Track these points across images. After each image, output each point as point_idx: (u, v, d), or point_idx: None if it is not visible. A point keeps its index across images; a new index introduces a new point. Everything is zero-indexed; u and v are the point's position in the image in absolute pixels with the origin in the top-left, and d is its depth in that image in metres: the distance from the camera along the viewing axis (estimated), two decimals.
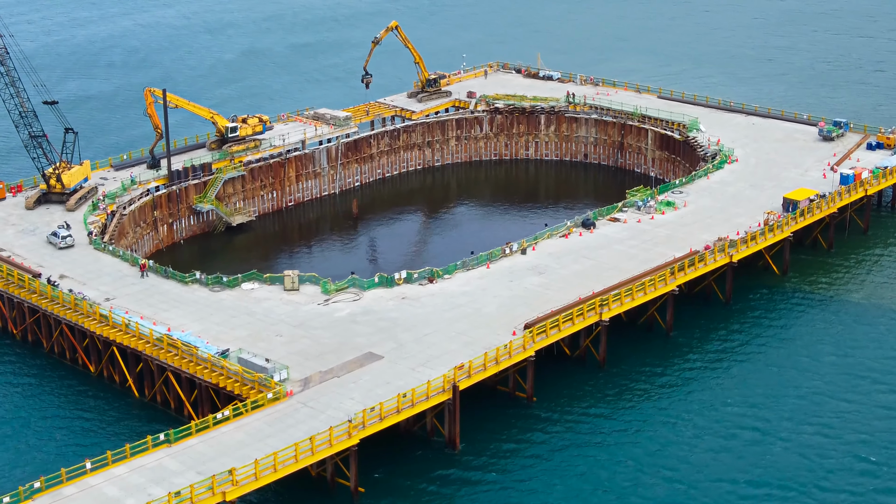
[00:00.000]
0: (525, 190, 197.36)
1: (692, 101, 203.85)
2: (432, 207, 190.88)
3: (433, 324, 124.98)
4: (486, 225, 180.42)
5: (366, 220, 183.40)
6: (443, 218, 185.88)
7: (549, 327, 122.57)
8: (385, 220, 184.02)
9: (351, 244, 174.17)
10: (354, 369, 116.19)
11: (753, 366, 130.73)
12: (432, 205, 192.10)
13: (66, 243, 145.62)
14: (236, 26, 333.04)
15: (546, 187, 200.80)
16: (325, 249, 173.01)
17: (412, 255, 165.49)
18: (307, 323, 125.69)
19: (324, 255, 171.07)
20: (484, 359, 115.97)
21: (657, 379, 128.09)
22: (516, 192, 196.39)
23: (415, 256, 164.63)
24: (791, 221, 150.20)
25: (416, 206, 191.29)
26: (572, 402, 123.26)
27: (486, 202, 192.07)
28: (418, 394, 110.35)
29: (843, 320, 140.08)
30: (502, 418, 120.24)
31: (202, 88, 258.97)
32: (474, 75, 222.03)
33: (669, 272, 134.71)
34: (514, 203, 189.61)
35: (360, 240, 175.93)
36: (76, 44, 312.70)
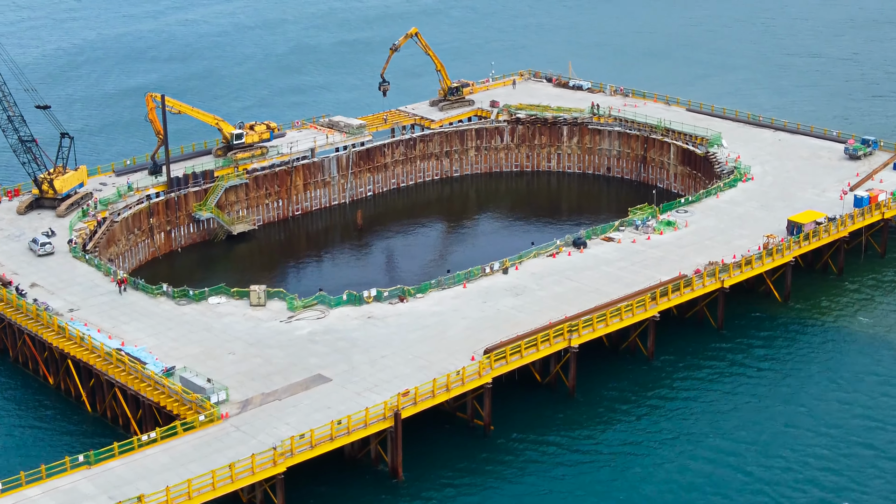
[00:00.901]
0: (546, 203, 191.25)
1: (721, 114, 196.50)
2: (448, 219, 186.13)
3: (393, 345, 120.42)
4: (501, 239, 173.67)
5: (375, 231, 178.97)
6: (458, 230, 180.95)
7: (508, 353, 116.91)
8: (394, 231, 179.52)
9: (352, 257, 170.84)
10: (298, 392, 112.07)
11: (736, 396, 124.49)
12: (448, 216, 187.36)
13: (45, 251, 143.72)
14: (263, 28, 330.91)
15: (568, 201, 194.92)
16: (325, 261, 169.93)
17: (414, 270, 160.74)
18: (264, 341, 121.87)
19: (322, 267, 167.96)
20: (432, 385, 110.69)
21: (629, 408, 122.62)
22: (537, 205, 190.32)
23: (416, 270, 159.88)
24: (794, 245, 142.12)
25: (430, 218, 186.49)
26: (532, 432, 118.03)
27: (506, 214, 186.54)
28: (355, 421, 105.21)
29: (842, 351, 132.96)
30: (454, 447, 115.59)
31: (224, 93, 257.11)
32: (503, 84, 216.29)
33: (650, 297, 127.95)
34: (534, 216, 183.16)
35: (362, 252, 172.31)
36: (101, 44, 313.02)
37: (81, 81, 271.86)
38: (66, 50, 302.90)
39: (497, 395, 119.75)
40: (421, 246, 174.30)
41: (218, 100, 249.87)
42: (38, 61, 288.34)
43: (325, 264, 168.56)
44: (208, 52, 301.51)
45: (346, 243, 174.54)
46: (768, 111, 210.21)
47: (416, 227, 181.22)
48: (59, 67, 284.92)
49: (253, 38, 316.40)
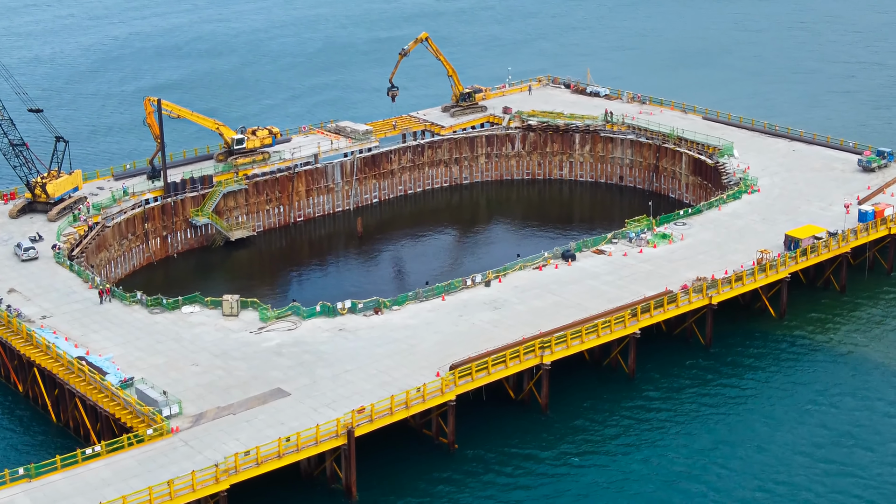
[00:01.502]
0: (558, 212, 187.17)
1: (737, 123, 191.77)
2: (456, 227, 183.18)
3: (359, 359, 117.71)
4: (510, 248, 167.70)
5: (378, 239, 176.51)
6: (466, 238, 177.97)
7: (474, 370, 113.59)
8: (397, 239, 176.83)
9: (351, 265, 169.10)
10: (254, 406, 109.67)
11: (714, 415, 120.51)
12: (457, 224, 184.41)
13: (29, 255, 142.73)
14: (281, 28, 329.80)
15: (581, 210, 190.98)
16: (322, 269, 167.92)
17: (413, 279, 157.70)
18: (230, 352, 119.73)
19: (318, 274, 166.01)
20: (390, 402, 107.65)
21: (603, 426, 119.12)
22: (549, 214, 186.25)
23: (415, 280, 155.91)
24: (790, 261, 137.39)
25: (438, 225, 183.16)
26: (498, 450, 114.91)
27: (518, 223, 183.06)
28: (304, 438, 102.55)
29: (831, 371, 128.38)
30: (415, 465, 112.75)
31: (248, 94, 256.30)
32: (519, 90, 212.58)
33: (630, 314, 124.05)
34: (546, 225, 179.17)
35: (361, 261, 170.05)
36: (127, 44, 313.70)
37: (87, 84, 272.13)
38: (92, 49, 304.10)
39: (467, 412, 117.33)
40: (424, 254, 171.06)
41: (242, 101, 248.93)
42: (60, 62, 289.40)
43: (322, 272, 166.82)
44: (238, 50, 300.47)
45: (346, 251, 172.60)
46: (792, 119, 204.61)
47: (422, 235, 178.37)
48: (77, 69, 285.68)
49: (284, 37, 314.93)
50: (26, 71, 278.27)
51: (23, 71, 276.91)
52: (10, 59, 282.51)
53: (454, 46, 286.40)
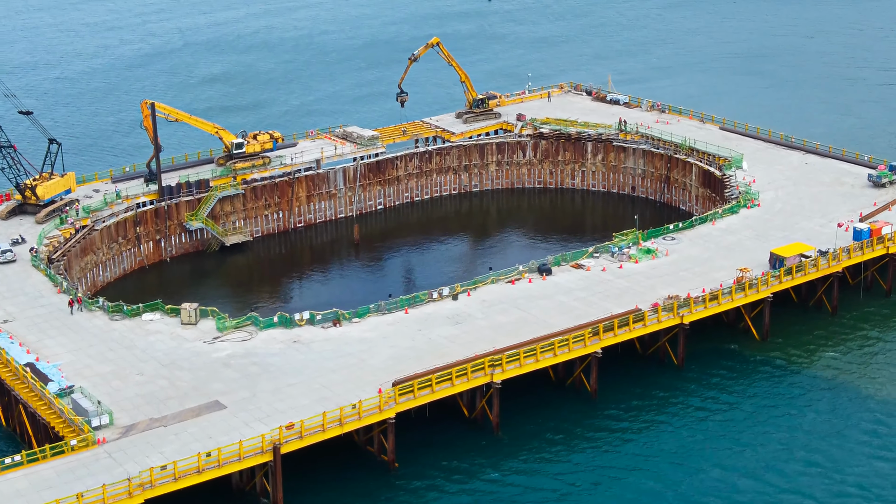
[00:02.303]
0: (569, 222, 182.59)
1: (754, 134, 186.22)
2: (464, 235, 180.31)
3: (305, 373, 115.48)
4: (518, 256, 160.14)
5: (381, 246, 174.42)
6: (474, 246, 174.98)
7: (416, 387, 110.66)
8: (400, 246, 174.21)
9: (347, 272, 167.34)
10: (187, 419, 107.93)
11: (674, 439, 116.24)
12: (465, 232, 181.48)
13: (6, 258, 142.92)
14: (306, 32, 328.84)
15: (592, 220, 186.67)
16: (317, 276, 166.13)
17: (408, 287, 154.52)
18: (178, 362, 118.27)
19: (311, 281, 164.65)
20: (322, 419, 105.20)
21: (554, 447, 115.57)
22: (560, 224, 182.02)
23: (410, 288, 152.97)
24: (772, 280, 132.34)
25: (444, 233, 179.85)
26: (438, 469, 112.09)
27: (530, 232, 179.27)
28: (227, 454, 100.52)
29: (808, 397, 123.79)
30: (353, 483, 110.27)
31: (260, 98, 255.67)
32: (539, 96, 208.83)
33: (591, 332, 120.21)
34: (557, 234, 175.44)
35: (358, 268, 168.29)
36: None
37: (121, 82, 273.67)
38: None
39: (416, 428, 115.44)
40: (425, 262, 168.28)
41: (273, 99, 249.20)
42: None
43: (317, 279, 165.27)
44: (282, 46, 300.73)
45: (344, 258, 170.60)
46: (822, 129, 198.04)
47: (428, 243, 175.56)
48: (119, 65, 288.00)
49: (333, 32, 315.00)
50: (68, 66, 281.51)
51: (64, 67, 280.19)
52: (53, 55, 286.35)
53: (505, 45, 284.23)
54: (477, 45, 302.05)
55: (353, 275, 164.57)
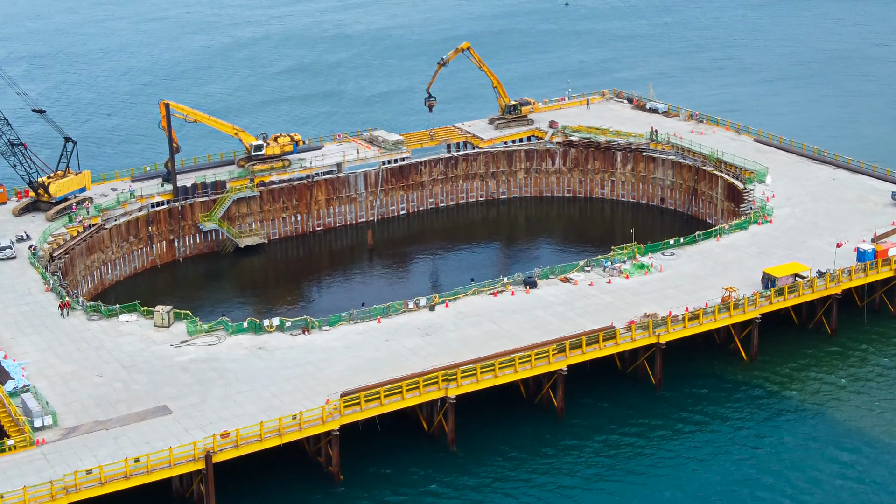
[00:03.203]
0: (599, 233, 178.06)
1: (787, 147, 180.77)
2: (489, 242, 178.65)
3: (260, 380, 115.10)
4: (541, 264, 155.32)
5: (401, 252, 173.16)
6: (497, 254, 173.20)
7: (363, 400, 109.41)
8: (421, 252, 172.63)
9: (361, 277, 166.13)
10: (131, 423, 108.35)
11: (640, 465, 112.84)
12: (491, 239, 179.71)
13: (5, 255, 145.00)
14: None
15: (622, 231, 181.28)
16: (329, 280, 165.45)
17: (408, 296, 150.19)
18: (139, 365, 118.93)
19: (322, 286, 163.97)
20: (259, 428, 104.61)
21: (508, 466, 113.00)
22: (588, 234, 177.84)
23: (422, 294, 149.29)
24: (761, 301, 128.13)
25: (469, 240, 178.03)
26: (386, 483, 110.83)
27: (558, 241, 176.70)
28: (157, 460, 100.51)
29: (788, 424, 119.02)
30: (295, 494, 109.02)
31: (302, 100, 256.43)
32: (579, 103, 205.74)
33: (556, 349, 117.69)
34: (585, 244, 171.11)
35: (366, 273, 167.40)
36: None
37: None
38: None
39: (371, 441, 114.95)
40: (433, 269, 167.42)
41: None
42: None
43: (329, 283, 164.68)
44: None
45: (355, 263, 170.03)
46: (868, 142, 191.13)
47: (444, 249, 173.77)
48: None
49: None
50: (142, 60, 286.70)
51: (138, 61, 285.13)
52: (130, 55, 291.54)
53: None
54: (545, 44, 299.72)
55: (362, 280, 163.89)
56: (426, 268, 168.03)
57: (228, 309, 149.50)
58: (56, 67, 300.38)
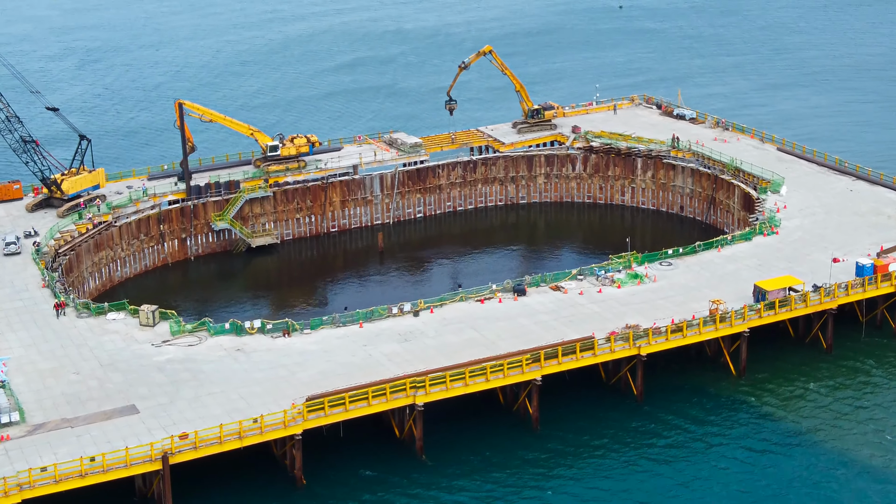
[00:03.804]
0: (618, 240, 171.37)
1: (809, 157, 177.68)
2: (507, 247, 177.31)
3: (232, 382, 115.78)
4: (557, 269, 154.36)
5: (410, 254, 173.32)
6: (514, 258, 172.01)
7: (327, 405, 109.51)
8: (426, 256, 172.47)
9: (360, 279, 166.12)
10: (96, 421, 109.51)
11: (614, 482, 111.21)
12: (509, 244, 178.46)
13: (10, 250, 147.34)
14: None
15: (642, 240, 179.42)
16: (341, 282, 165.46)
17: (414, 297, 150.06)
18: (117, 363, 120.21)
19: (332, 287, 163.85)
20: (219, 431, 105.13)
21: (473, 475, 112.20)
22: (608, 241, 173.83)
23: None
24: (750, 314, 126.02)
25: (485, 244, 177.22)
26: (348, 488, 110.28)
27: (577, 247, 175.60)
28: (112, 460, 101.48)
29: (765, 443, 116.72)
30: (256, 498, 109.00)
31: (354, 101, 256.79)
32: (607, 108, 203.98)
33: (530, 359, 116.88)
34: (603, 251, 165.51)
35: (384, 274, 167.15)
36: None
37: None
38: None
39: (341, 446, 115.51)
40: (443, 273, 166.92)
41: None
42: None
43: (332, 285, 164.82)
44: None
45: (365, 265, 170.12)
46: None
47: (456, 253, 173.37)
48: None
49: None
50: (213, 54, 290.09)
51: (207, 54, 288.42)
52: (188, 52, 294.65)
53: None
54: (592, 45, 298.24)
55: (368, 283, 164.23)
56: (437, 271, 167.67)
57: (236, 308, 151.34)
58: (107, 62, 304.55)
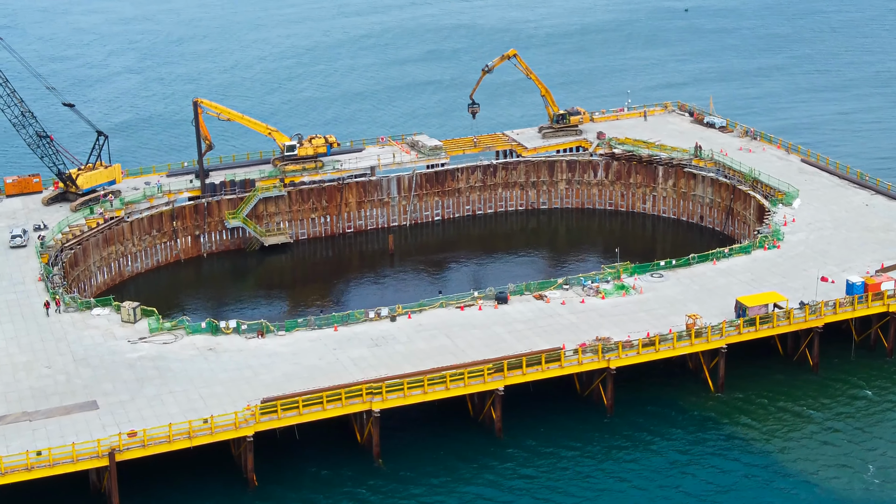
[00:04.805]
0: (639, 248, 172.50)
1: (832, 169, 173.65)
2: (525, 252, 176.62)
3: (195, 381, 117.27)
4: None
5: (421, 257, 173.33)
6: (522, 265, 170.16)
7: (280, 408, 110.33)
8: (436, 260, 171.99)
9: (365, 282, 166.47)
10: (55, 416, 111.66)
11: (562, 493, 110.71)
12: (527, 249, 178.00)
13: (15, 243, 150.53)
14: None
15: (662, 249, 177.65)
16: (352, 282, 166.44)
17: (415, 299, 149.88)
18: (89, 359, 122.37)
19: (341, 288, 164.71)
20: (168, 430, 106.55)
21: (427, 481, 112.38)
22: (630, 249, 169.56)
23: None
24: (729, 330, 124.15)
25: (504, 249, 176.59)
26: (300, 492, 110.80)
27: (598, 254, 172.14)
28: (59, 455, 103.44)
29: (726, 465, 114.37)
30: (206, 498, 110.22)
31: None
32: (637, 115, 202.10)
33: (492, 368, 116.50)
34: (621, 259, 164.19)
35: (396, 275, 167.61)
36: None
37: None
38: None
39: (299, 449, 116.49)
40: (451, 277, 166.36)
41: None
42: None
43: (349, 285, 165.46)
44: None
45: (374, 267, 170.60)
46: None
47: (468, 257, 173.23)
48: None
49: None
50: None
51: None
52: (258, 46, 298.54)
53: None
54: (649, 46, 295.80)
55: (377, 284, 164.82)
56: (449, 275, 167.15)
57: (244, 306, 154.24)
58: (156, 58, 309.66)
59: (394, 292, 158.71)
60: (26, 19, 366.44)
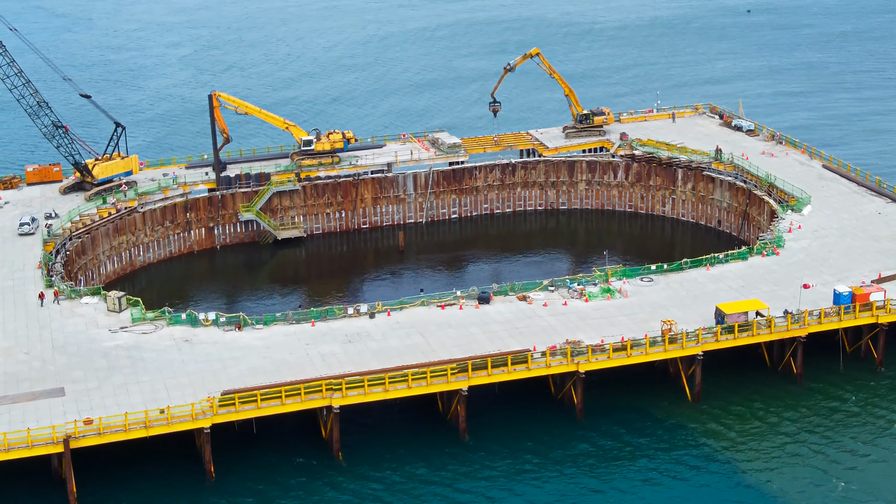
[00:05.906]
0: (658, 251, 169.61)
1: (853, 176, 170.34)
2: (542, 252, 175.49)
3: (164, 372, 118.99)
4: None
5: (432, 255, 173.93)
6: (536, 265, 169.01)
7: (238, 401, 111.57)
8: (448, 258, 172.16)
9: (393, 276, 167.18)
10: (21, 401, 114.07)
11: (514, 500, 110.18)
12: (544, 249, 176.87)
13: (24, 231, 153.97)
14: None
15: (681, 253, 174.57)
16: (361, 277, 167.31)
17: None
18: (68, 346, 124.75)
19: (350, 282, 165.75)
20: (124, 419, 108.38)
21: (388, 479, 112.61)
22: (648, 252, 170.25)
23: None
24: (706, 337, 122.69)
25: (513, 249, 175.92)
26: (258, 485, 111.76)
27: (618, 256, 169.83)
28: (14, 440, 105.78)
29: (692, 479, 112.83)
30: (165, 489, 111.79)
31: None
32: (665, 116, 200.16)
33: (455, 368, 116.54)
34: (640, 261, 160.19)
35: (405, 272, 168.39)
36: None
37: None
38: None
39: (262, 442, 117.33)
40: (455, 277, 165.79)
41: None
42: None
43: (356, 280, 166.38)
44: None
45: (391, 263, 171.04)
46: None
47: (478, 256, 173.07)
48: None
49: None
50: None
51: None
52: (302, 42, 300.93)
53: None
54: (705, 46, 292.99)
55: (387, 280, 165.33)
56: (461, 273, 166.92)
57: (253, 299, 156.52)
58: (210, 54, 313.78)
59: (404, 289, 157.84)
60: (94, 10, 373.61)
